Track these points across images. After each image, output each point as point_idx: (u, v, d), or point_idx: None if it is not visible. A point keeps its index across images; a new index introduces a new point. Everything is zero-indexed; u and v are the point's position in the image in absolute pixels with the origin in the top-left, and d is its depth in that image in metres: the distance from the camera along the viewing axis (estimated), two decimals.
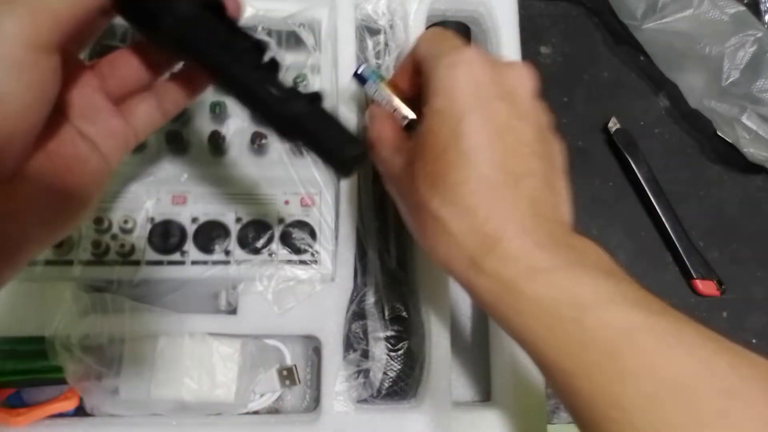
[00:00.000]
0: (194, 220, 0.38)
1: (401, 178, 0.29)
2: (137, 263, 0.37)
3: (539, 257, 0.24)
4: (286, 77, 0.42)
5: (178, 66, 0.31)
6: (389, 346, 0.39)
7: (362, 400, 0.39)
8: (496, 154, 0.25)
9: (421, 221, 0.27)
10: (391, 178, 0.30)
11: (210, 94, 0.40)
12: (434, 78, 0.27)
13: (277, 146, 0.40)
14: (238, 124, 0.40)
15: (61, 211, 0.26)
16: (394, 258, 0.41)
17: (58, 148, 0.25)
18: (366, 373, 0.39)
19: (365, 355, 0.39)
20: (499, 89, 0.27)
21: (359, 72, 0.34)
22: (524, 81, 0.28)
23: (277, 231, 0.38)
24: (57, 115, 0.25)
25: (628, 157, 0.50)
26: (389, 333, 0.39)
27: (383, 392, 0.38)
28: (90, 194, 0.27)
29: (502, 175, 0.25)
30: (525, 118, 0.27)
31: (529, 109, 0.27)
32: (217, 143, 0.39)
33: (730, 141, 0.50)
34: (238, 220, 0.38)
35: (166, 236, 0.37)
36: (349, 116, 0.41)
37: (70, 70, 0.25)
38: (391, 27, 0.45)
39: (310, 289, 0.38)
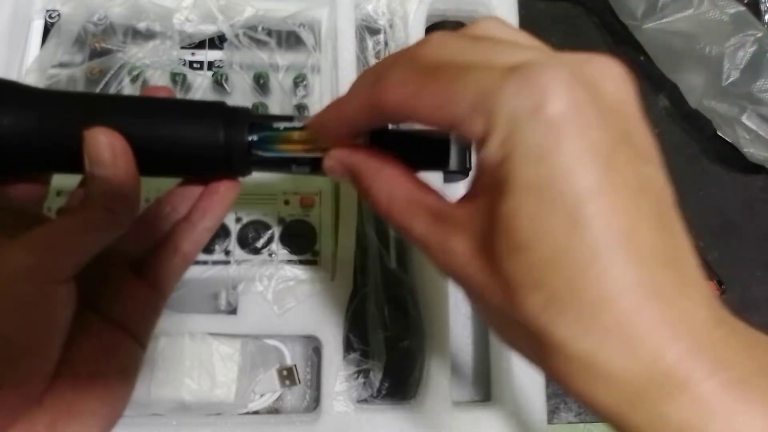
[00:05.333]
0: None
1: (471, 274, 0.18)
2: None
3: (739, 400, 0.16)
4: (286, 77, 0.42)
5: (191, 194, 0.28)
6: (389, 346, 0.39)
7: (362, 400, 0.39)
8: (645, 240, 0.16)
9: (540, 352, 0.17)
10: (448, 269, 0.19)
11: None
12: (499, 128, 0.17)
13: None
14: None
15: (101, 413, 0.22)
16: (394, 258, 0.41)
17: (83, 354, 0.22)
18: (366, 373, 0.39)
19: (365, 355, 0.39)
20: (606, 118, 0.16)
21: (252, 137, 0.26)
22: (624, 87, 0.17)
23: (277, 231, 0.38)
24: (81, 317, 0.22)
25: None
26: (389, 333, 0.39)
27: (383, 392, 0.39)
28: (124, 390, 0.24)
29: (664, 272, 0.16)
30: (647, 155, 0.18)
31: (644, 135, 0.18)
32: None
33: (730, 141, 0.50)
34: (238, 220, 0.38)
35: None
36: None
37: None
38: (391, 27, 0.45)
39: (310, 289, 0.38)
